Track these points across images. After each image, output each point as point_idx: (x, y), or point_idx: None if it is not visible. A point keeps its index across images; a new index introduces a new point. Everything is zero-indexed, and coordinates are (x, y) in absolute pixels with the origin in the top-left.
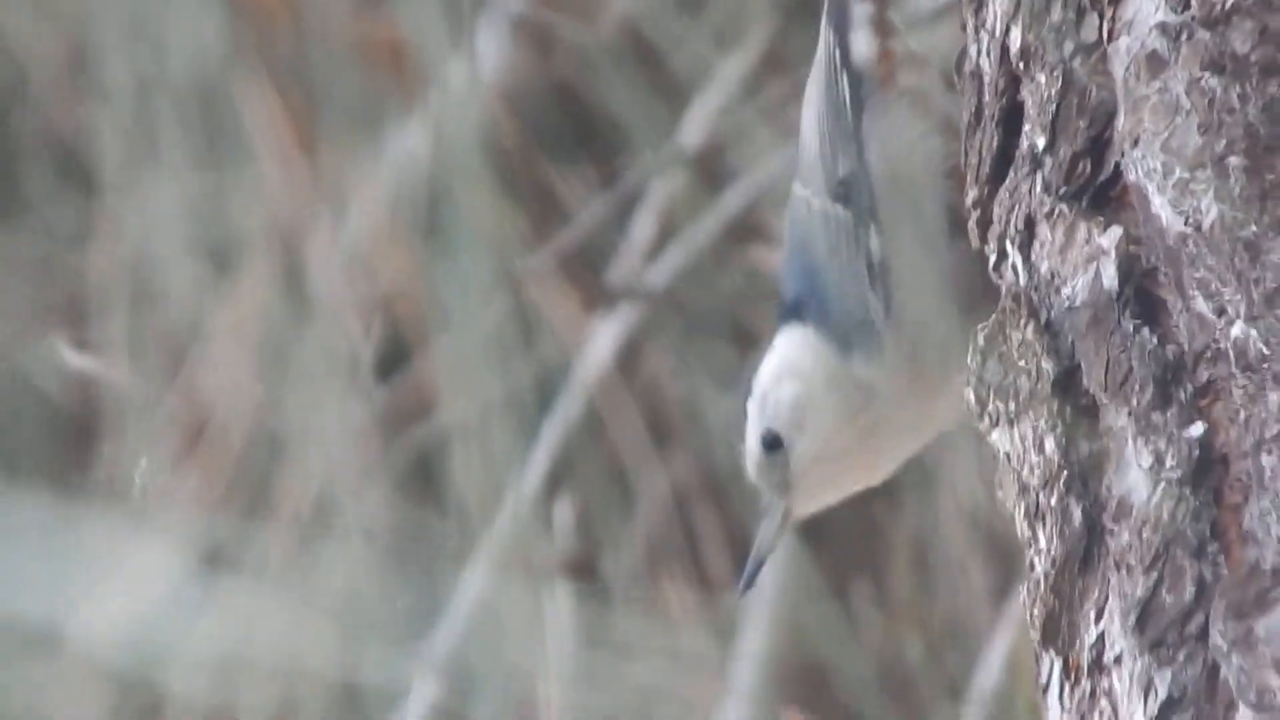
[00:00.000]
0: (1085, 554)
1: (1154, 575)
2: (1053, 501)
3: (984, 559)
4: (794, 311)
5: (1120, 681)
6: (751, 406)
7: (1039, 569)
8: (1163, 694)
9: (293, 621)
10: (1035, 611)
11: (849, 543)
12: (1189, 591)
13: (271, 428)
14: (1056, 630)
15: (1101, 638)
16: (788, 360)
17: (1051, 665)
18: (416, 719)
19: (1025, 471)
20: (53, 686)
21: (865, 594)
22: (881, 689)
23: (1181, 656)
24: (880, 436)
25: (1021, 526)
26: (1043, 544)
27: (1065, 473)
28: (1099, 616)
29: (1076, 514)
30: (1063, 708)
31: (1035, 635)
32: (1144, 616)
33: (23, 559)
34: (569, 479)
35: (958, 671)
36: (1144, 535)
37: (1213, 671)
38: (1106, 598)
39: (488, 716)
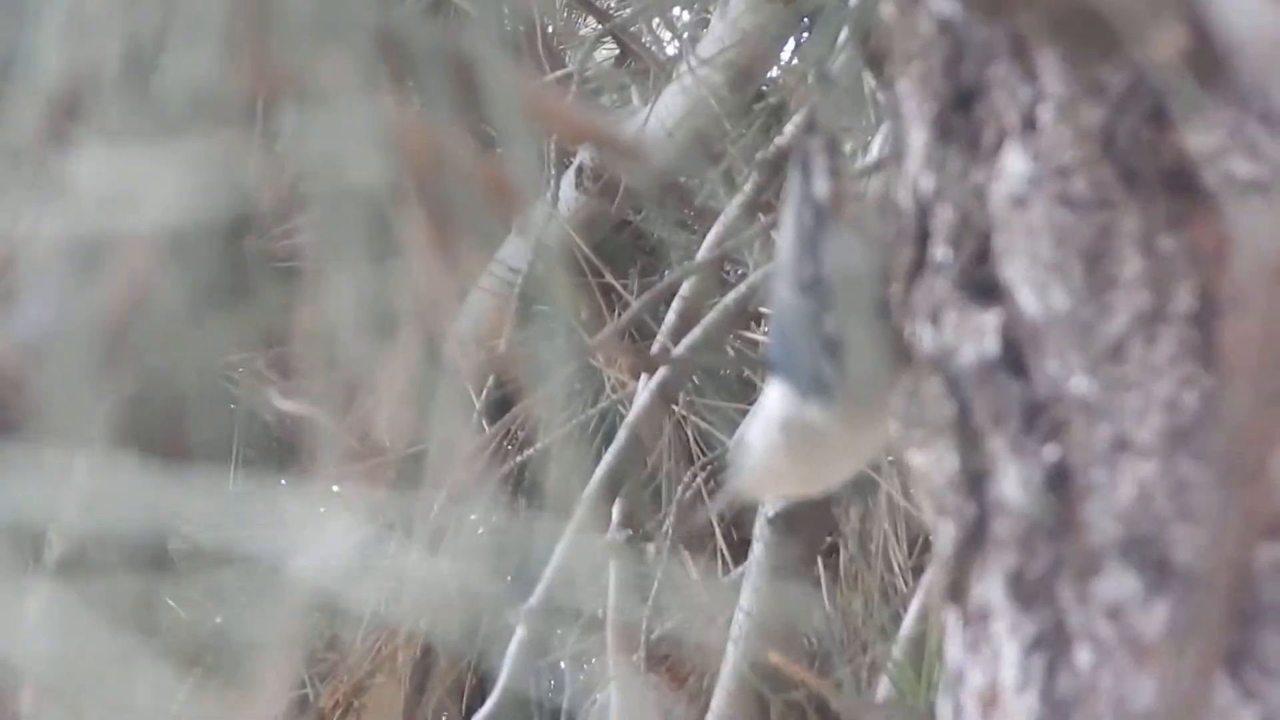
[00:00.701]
0: (975, 538)
1: (1022, 553)
2: (953, 501)
3: (906, 544)
4: (774, 370)
5: (998, 626)
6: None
7: (942, 548)
8: (1028, 636)
9: (433, 582)
10: (940, 578)
11: (813, 534)
12: (1045, 564)
13: (417, 453)
14: (956, 590)
15: (987, 596)
16: (764, 402)
17: (952, 616)
18: (518, 646)
19: (935, 480)
20: (272, 613)
21: (824, 569)
22: (835, 636)
23: (1040, 609)
24: (819, 461)
25: (932, 519)
26: (945, 531)
27: (962, 481)
28: (985, 581)
29: (970, 510)
30: (961, 644)
31: (939, 593)
32: (1015, 581)
33: (247, 523)
34: (622, 487)
35: (888, 622)
36: (1016, 523)
37: (1061, 620)
38: (990, 568)
39: (567, 650)
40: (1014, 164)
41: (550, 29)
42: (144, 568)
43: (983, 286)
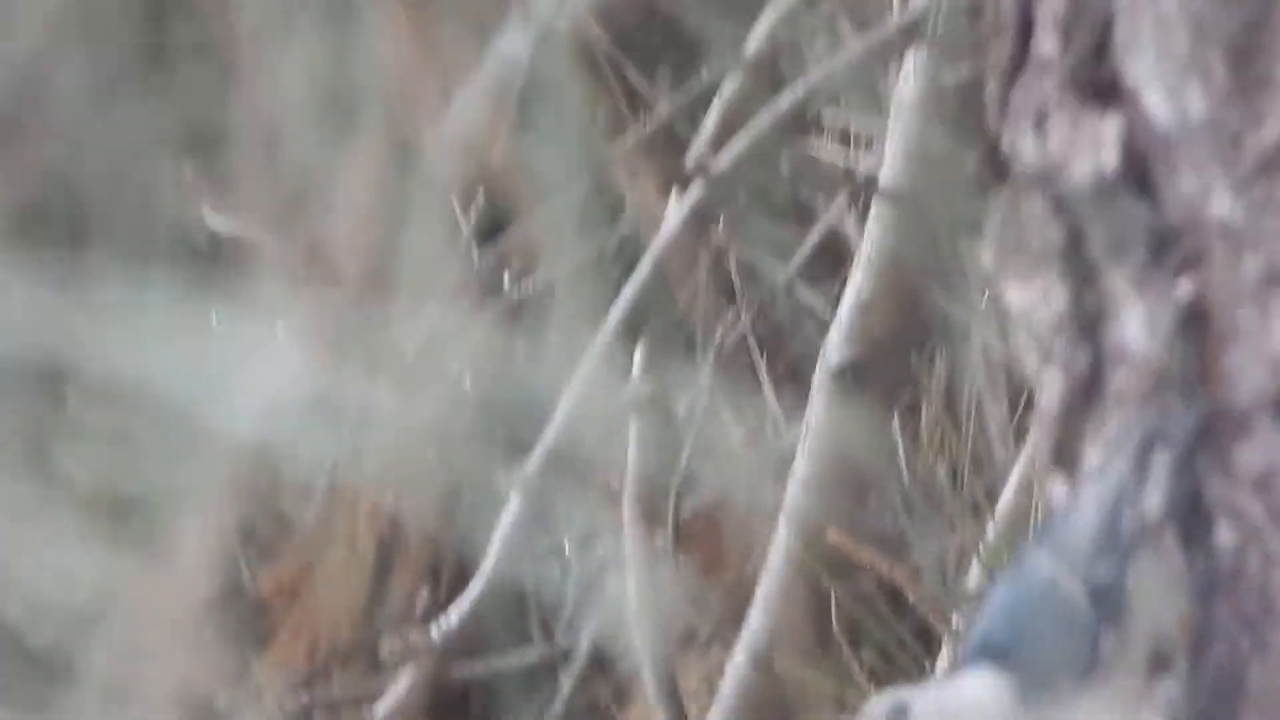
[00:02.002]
0: (1088, 392)
1: (1147, 411)
2: (1061, 347)
3: (1004, 401)
4: (990, 658)
5: None
6: (916, 692)
7: (1048, 405)
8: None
9: (405, 439)
10: (1044, 442)
11: (889, 387)
12: (1176, 424)
13: (382, 275)
14: (1063, 457)
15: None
16: (970, 692)
17: (1059, 487)
18: (511, 520)
19: (1036, 322)
20: (192, 467)
21: (901, 430)
22: (912, 513)
23: (1172, 483)
24: None
25: (1033, 369)
26: (1051, 384)
27: (1071, 322)
28: (1100, 445)
29: (1081, 358)
30: None
31: (1044, 461)
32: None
33: (167, 354)
34: (645, 329)
35: (980, 496)
36: (1139, 376)
37: (1196, 492)
38: (1106, 429)
39: (573, 528)
40: None
41: None
42: (32, 404)
43: (1100, 87)
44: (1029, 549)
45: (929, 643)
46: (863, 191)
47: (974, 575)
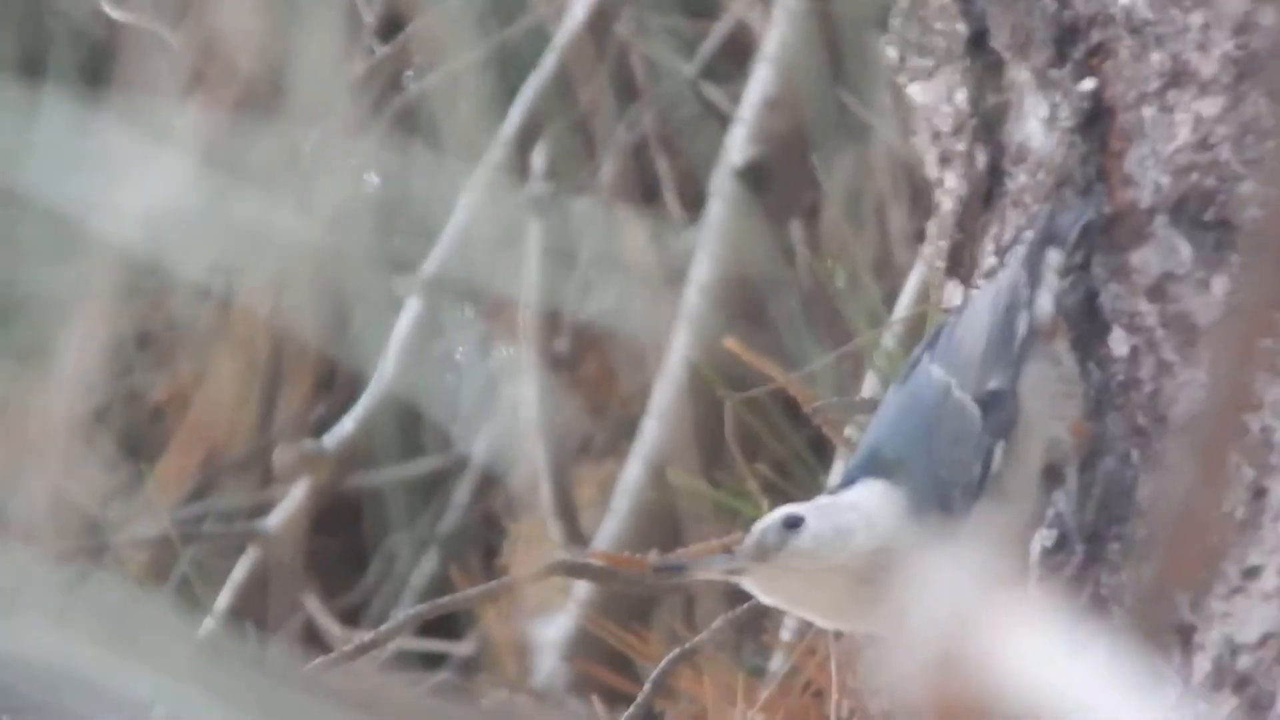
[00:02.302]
0: (987, 193)
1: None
2: (960, 147)
3: (905, 206)
4: (882, 469)
5: None
6: (809, 506)
7: (946, 207)
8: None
9: (297, 243)
10: (942, 244)
11: (788, 188)
12: (1074, 227)
13: (275, 68)
14: (960, 261)
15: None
16: (872, 504)
17: (955, 292)
18: (405, 329)
19: (937, 120)
20: (76, 274)
21: (800, 234)
22: (811, 319)
23: (1065, 284)
24: (876, 604)
25: (932, 170)
26: (950, 185)
27: (973, 121)
28: (997, 250)
29: (981, 158)
30: None
31: (941, 264)
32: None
33: (50, 157)
34: (545, 129)
35: (879, 303)
36: (1039, 177)
37: (1091, 297)
38: (1004, 231)
39: (465, 327)
40: None
41: None
42: None
43: None
44: (921, 359)
45: (824, 454)
46: None
47: (870, 384)
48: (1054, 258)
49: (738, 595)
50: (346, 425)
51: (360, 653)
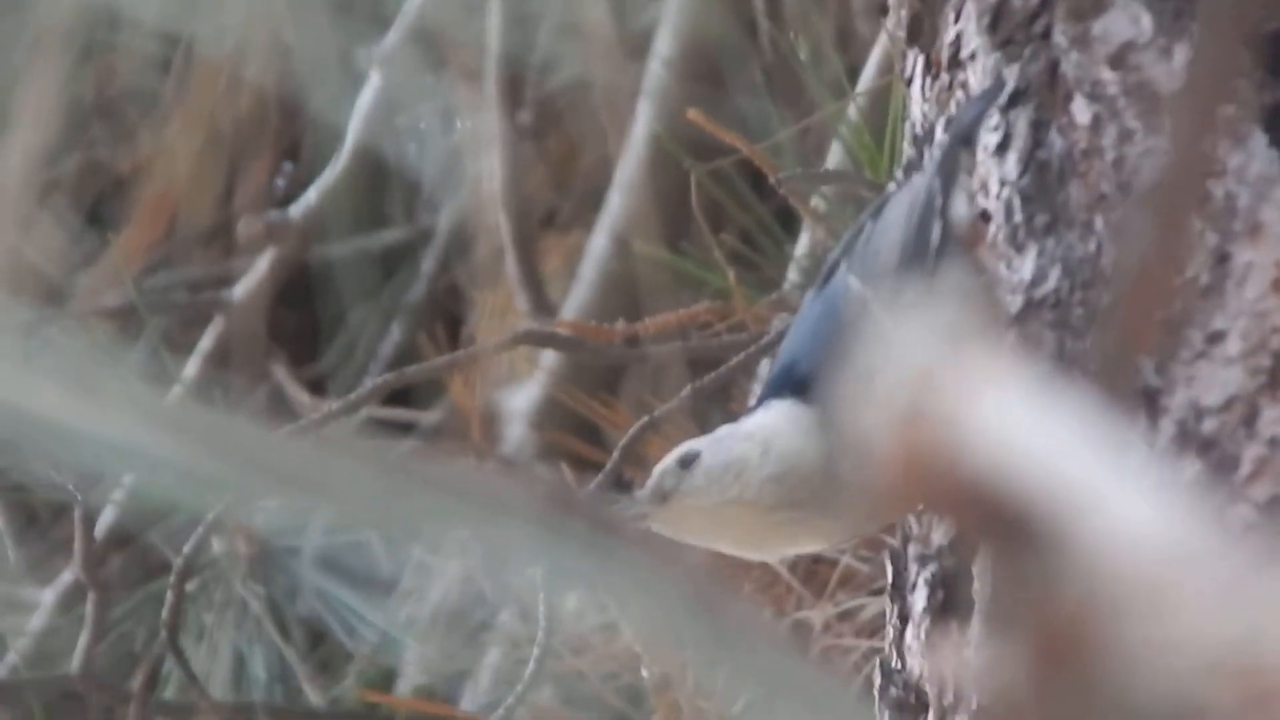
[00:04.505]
0: None
1: None
2: None
3: None
4: (794, 387)
5: (974, 75)
6: (707, 439)
7: None
8: (1010, 86)
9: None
10: (902, 14)
11: None
12: None
13: None
14: (920, 30)
15: (959, 37)
16: (771, 427)
17: (915, 61)
18: (370, 97)
19: None
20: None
21: (762, 6)
22: (773, 92)
23: (1027, 53)
24: (793, 528)
25: None
26: None
27: None
28: (957, 18)
29: None
30: (924, 97)
31: (902, 35)
32: (996, 18)
33: None
34: None
35: (842, 74)
36: None
37: (1053, 67)
38: (964, 1)
39: (429, 98)
40: None
41: None
42: None
43: None
44: (838, 265)
45: (789, 224)
46: None
47: (834, 156)
48: (967, 160)
49: (703, 364)
50: (311, 196)
51: (329, 420)
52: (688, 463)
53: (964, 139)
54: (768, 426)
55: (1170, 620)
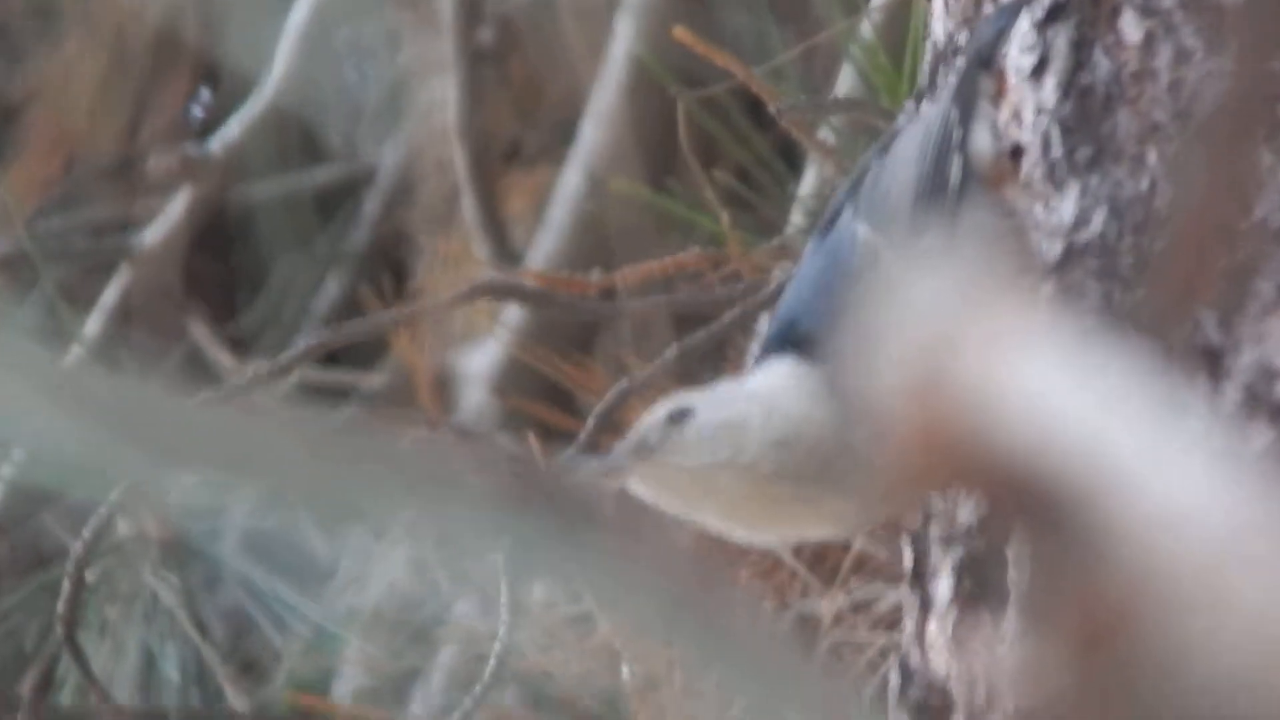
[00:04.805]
0: None
1: None
2: None
3: None
4: (797, 344)
5: None
6: (704, 395)
7: None
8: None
9: None
10: None
11: None
12: None
13: None
14: None
15: None
16: (764, 391)
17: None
18: (303, 16)
19: None
20: None
21: None
22: (774, 3)
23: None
24: (795, 506)
25: None
26: None
27: None
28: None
29: None
30: (948, 11)
31: None
32: None
33: None
34: None
35: None
36: None
37: None
38: None
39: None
40: None
41: None
42: None
43: None
44: (843, 210)
45: (792, 159)
46: None
47: (845, 80)
48: (988, 85)
49: (692, 320)
50: (233, 128)
51: (255, 385)
52: (678, 418)
53: (983, 60)
54: (772, 388)
55: (1229, 611)
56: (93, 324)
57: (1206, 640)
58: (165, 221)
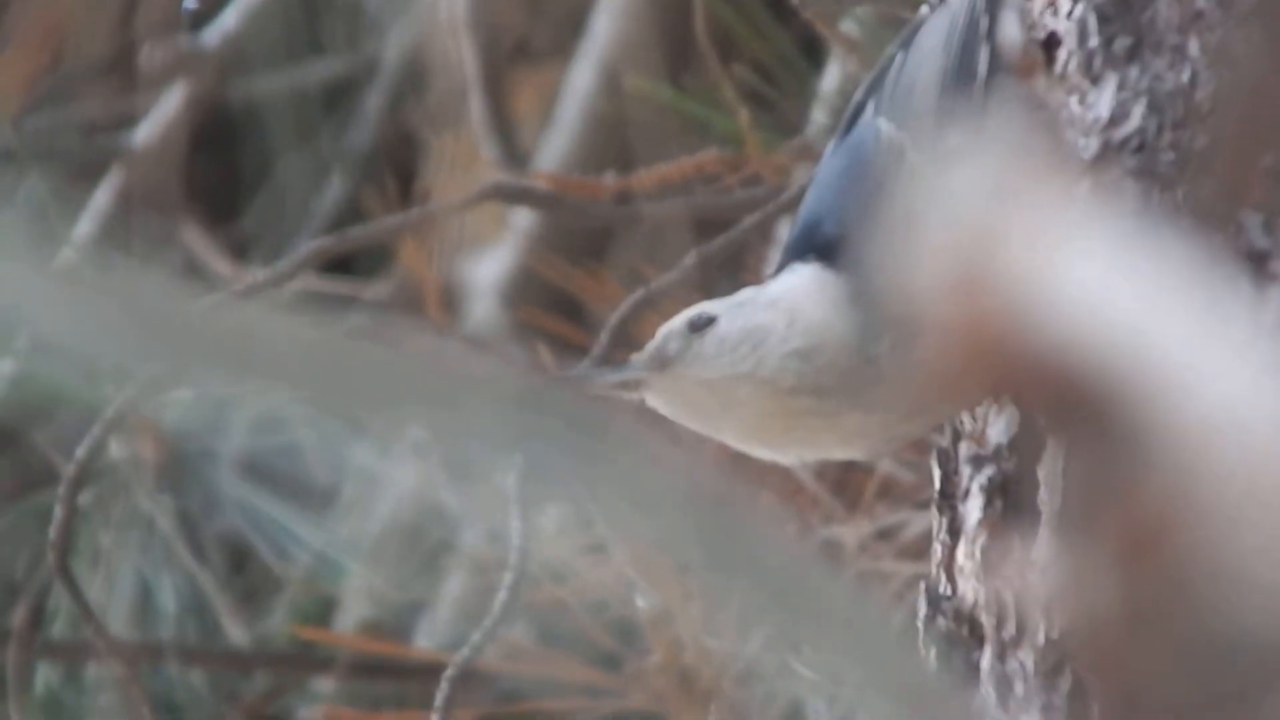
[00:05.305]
0: None
1: None
2: None
3: None
4: (820, 249)
5: None
6: (726, 302)
7: None
8: None
9: None
10: None
11: None
12: None
13: None
14: None
15: None
16: (786, 298)
17: None
18: None
19: None
20: None
21: None
22: None
23: None
24: (815, 420)
25: None
26: None
27: None
28: None
29: None
30: None
31: None
32: None
33: None
34: None
35: None
36: None
37: None
38: None
39: None
40: None
41: None
42: None
43: None
44: (865, 107)
45: (815, 54)
46: None
47: None
48: None
49: (710, 225)
50: (229, 19)
51: (254, 292)
52: (699, 326)
53: None
54: (795, 295)
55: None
56: (84, 226)
57: (1255, 554)
58: (158, 119)
